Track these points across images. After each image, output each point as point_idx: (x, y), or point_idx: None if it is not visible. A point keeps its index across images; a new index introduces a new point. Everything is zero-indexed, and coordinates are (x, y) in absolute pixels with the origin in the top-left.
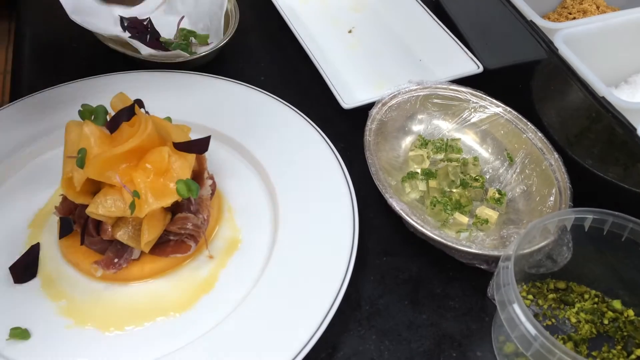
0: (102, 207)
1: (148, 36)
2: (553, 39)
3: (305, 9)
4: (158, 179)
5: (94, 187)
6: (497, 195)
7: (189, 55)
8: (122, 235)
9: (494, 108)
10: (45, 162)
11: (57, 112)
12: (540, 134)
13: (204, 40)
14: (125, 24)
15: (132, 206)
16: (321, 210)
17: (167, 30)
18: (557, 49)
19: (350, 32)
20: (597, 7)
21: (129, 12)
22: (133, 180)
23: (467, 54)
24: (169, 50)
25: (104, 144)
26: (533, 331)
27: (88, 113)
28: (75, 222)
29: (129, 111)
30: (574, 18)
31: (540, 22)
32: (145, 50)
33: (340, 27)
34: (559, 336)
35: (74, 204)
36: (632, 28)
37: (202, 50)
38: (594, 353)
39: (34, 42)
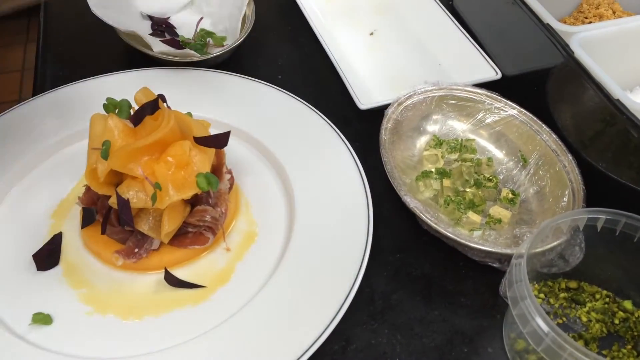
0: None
1: (166, 34)
2: (569, 43)
3: (329, 10)
4: (179, 172)
5: (117, 179)
6: (510, 196)
7: (199, 55)
8: (142, 225)
9: (509, 110)
10: (68, 155)
11: (80, 106)
12: (554, 136)
13: (219, 42)
14: (152, 21)
15: (154, 198)
16: (336, 206)
17: (190, 29)
18: (573, 52)
19: (372, 34)
20: (613, 12)
21: (154, 8)
22: (155, 172)
23: (487, 60)
24: (183, 49)
25: (127, 136)
26: (545, 327)
27: (112, 106)
28: (97, 212)
29: (153, 105)
30: (590, 22)
31: (557, 26)
32: (157, 48)
33: (363, 29)
34: (570, 334)
35: (97, 195)
36: None
37: (215, 52)
38: (604, 352)
39: (58, 37)
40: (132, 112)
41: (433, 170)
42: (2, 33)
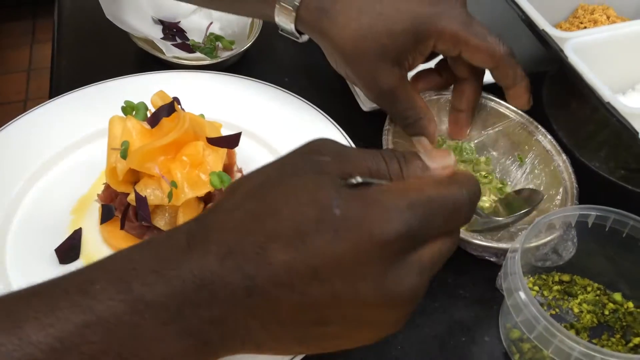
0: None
1: (177, 38)
2: (563, 48)
3: None
4: (193, 171)
5: (135, 178)
6: (499, 185)
7: (210, 59)
8: (159, 221)
9: (507, 111)
10: (86, 154)
11: (97, 107)
12: (549, 137)
13: (228, 45)
14: (163, 25)
15: (170, 195)
16: None
17: (199, 33)
18: (567, 57)
19: None
20: (608, 17)
21: (164, 12)
22: (171, 171)
23: None
24: (194, 53)
25: (144, 137)
26: (537, 315)
27: (130, 109)
28: (116, 209)
29: (170, 108)
30: (585, 27)
31: (552, 32)
32: (169, 52)
33: None
34: (562, 324)
35: (115, 193)
36: None
37: (225, 55)
38: (594, 341)
39: (72, 41)
40: (148, 114)
41: None
42: (8, 34)
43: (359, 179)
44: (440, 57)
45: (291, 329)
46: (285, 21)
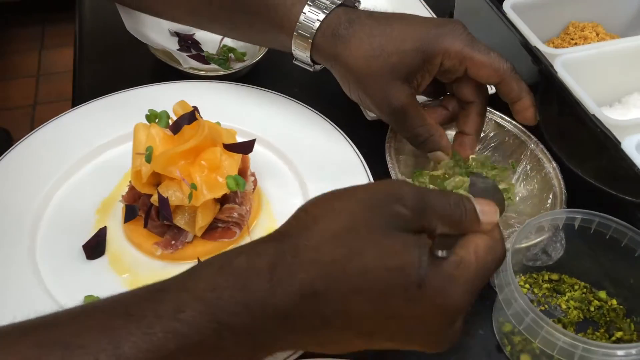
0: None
1: (192, 49)
2: (554, 63)
3: None
4: (211, 174)
5: (157, 180)
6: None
7: (225, 69)
8: (179, 220)
9: (503, 122)
10: (108, 158)
11: (119, 115)
12: (541, 146)
13: (240, 57)
14: (179, 37)
15: (190, 196)
16: None
17: (213, 45)
18: (556, 72)
19: None
20: (597, 34)
21: (180, 25)
22: (191, 174)
23: None
24: (209, 64)
25: (167, 143)
26: (525, 308)
27: (153, 116)
28: (139, 209)
29: (191, 116)
30: (576, 44)
31: (543, 48)
32: (186, 63)
33: None
34: (551, 319)
35: (138, 194)
36: (626, 54)
37: (238, 66)
38: (580, 334)
39: (93, 52)
40: (169, 121)
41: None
42: (16, 39)
43: (444, 253)
44: (447, 93)
45: (355, 337)
46: (301, 49)
